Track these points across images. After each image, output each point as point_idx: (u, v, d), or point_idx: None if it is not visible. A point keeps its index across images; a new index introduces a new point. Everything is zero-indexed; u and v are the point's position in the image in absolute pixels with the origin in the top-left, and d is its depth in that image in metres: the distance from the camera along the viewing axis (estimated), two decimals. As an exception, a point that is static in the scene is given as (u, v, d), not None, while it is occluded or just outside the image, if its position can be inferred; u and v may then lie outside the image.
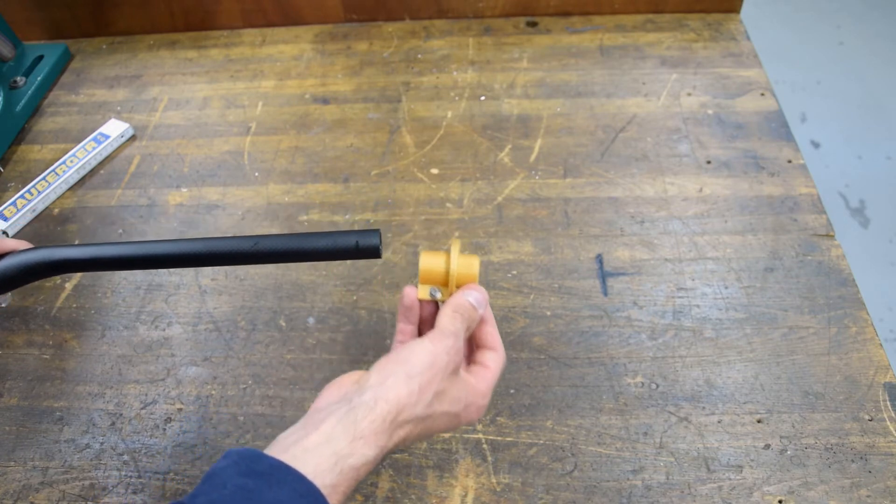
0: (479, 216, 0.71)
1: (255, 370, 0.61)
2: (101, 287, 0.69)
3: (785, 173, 0.73)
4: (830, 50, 2.05)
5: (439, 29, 0.95)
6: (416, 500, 0.52)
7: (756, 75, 0.84)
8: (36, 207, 0.76)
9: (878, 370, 0.57)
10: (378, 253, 0.44)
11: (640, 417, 0.55)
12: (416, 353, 0.38)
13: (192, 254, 0.46)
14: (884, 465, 0.51)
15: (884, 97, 1.90)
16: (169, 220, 0.74)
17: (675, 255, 0.66)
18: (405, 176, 0.76)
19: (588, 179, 0.74)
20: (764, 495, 0.50)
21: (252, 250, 0.45)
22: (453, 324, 0.40)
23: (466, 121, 0.81)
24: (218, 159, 0.80)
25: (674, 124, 0.79)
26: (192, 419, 0.59)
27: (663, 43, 0.89)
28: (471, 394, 0.40)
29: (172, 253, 0.47)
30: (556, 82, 0.85)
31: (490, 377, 0.42)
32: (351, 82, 0.88)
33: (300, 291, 0.67)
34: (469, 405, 0.40)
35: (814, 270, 0.64)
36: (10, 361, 0.64)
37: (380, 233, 0.44)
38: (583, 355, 0.60)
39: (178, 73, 0.93)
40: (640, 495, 0.51)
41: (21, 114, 0.87)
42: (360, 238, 0.44)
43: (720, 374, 0.57)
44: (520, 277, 0.66)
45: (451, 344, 0.39)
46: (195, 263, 0.47)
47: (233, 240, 0.46)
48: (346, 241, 0.44)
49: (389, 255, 0.69)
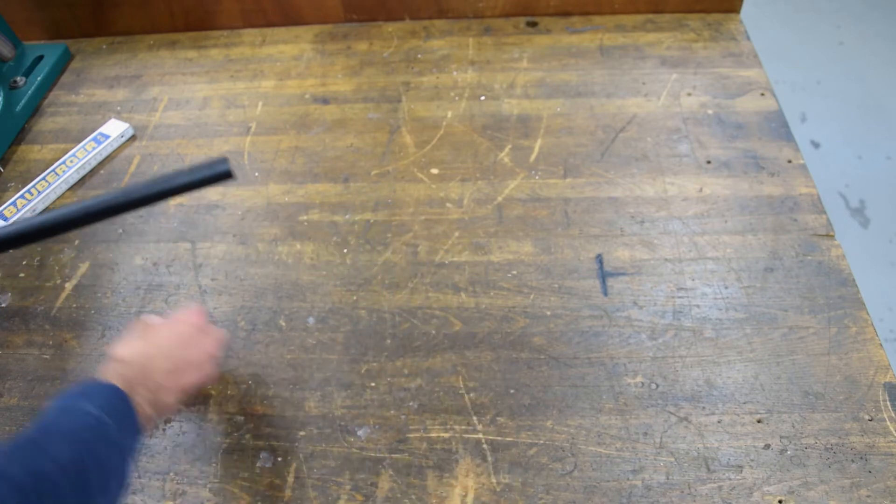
0: (479, 216, 0.71)
1: (255, 370, 0.61)
2: (101, 287, 0.69)
3: (785, 173, 0.73)
4: (830, 50, 2.05)
5: (439, 29, 0.95)
6: (416, 500, 0.52)
7: (756, 75, 0.84)
8: (36, 207, 0.76)
9: (878, 370, 0.57)
10: (230, 174, 0.51)
11: (640, 417, 0.55)
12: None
13: (73, 217, 0.51)
14: (884, 465, 0.51)
15: (884, 97, 1.90)
16: (169, 220, 0.74)
17: (675, 255, 0.66)
18: (405, 176, 0.76)
19: (588, 179, 0.74)
20: (764, 495, 0.50)
21: (123, 199, 0.50)
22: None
23: (466, 121, 0.81)
24: (218, 159, 0.80)
25: (674, 124, 0.79)
26: (191, 419, 0.59)
27: (663, 43, 0.89)
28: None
29: (56, 220, 0.52)
30: (556, 82, 0.85)
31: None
32: (351, 82, 0.88)
33: (300, 291, 0.67)
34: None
35: (814, 270, 0.64)
36: (10, 361, 0.64)
37: (227, 160, 0.51)
38: (583, 355, 0.60)
39: (178, 73, 0.93)
40: (640, 495, 0.51)
41: (21, 114, 0.87)
42: (213, 166, 0.51)
43: (720, 374, 0.57)
44: (520, 277, 0.66)
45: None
46: (81, 224, 0.52)
47: (106, 195, 0.50)
48: (202, 173, 0.51)
49: (389, 255, 0.69)
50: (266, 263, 0.69)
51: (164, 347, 0.51)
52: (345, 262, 0.69)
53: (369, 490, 0.53)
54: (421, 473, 0.54)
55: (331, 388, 0.60)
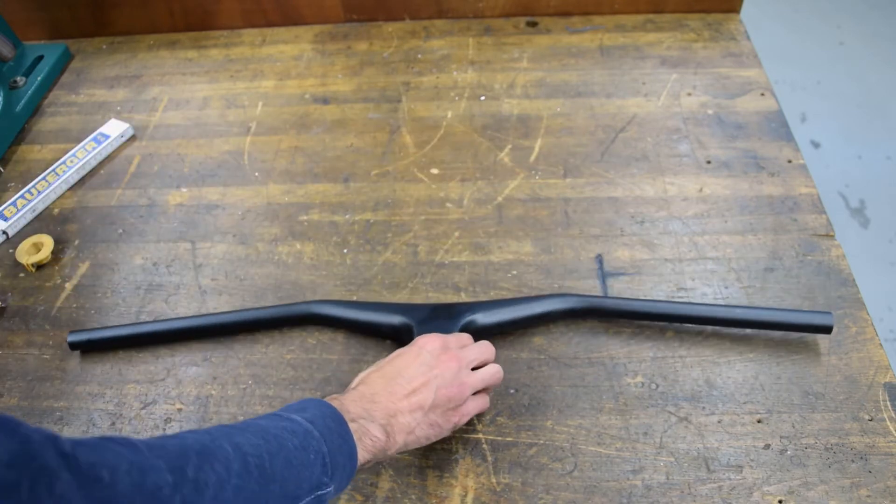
0: (479, 216, 0.71)
1: (255, 370, 0.61)
2: (101, 287, 0.69)
3: (785, 173, 0.73)
4: (830, 50, 2.05)
5: (439, 29, 0.95)
6: (416, 500, 0.52)
7: (756, 75, 0.84)
8: (36, 207, 0.76)
9: (878, 370, 0.57)
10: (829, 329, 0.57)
11: (640, 417, 0.55)
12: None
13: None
14: (884, 465, 0.51)
15: (884, 97, 1.90)
16: (169, 220, 0.74)
17: (675, 255, 0.66)
18: (405, 176, 0.76)
19: (588, 179, 0.74)
20: (764, 495, 0.50)
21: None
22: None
23: (466, 121, 0.81)
24: (218, 159, 0.80)
25: (674, 124, 0.79)
26: (192, 419, 0.59)
27: (663, 43, 0.89)
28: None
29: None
30: (556, 82, 0.85)
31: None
32: (351, 82, 0.88)
33: (300, 291, 0.67)
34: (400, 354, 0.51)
35: (814, 270, 0.64)
36: (10, 361, 0.64)
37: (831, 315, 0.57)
38: (583, 355, 0.60)
39: (178, 73, 0.93)
40: (640, 495, 0.51)
41: (21, 114, 0.87)
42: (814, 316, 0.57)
43: (720, 374, 0.57)
44: (520, 277, 0.66)
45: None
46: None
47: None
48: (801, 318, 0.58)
49: (389, 255, 0.69)
50: (266, 263, 0.69)
51: (398, 369, 0.49)
52: (345, 262, 0.69)
53: (369, 490, 0.53)
54: (421, 473, 0.54)
55: (331, 388, 0.60)
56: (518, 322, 0.60)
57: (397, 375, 0.48)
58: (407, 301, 0.65)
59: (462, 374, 0.50)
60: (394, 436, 0.46)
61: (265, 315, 0.63)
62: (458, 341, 0.53)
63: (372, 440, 0.44)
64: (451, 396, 0.49)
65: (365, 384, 0.48)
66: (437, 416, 0.48)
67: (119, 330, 0.63)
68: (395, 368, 0.49)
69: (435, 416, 0.48)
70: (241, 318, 0.63)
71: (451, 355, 0.50)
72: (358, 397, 0.47)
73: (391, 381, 0.48)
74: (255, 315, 0.63)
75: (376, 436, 0.45)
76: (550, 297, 0.61)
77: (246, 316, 0.63)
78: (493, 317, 0.59)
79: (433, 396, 0.48)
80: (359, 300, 0.64)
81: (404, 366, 0.49)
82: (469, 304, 0.61)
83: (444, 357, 0.50)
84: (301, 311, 0.62)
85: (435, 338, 0.52)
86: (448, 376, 0.49)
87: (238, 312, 0.63)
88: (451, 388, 0.49)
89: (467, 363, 0.51)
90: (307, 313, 0.62)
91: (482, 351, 0.53)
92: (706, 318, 0.58)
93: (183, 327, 0.63)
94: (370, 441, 0.44)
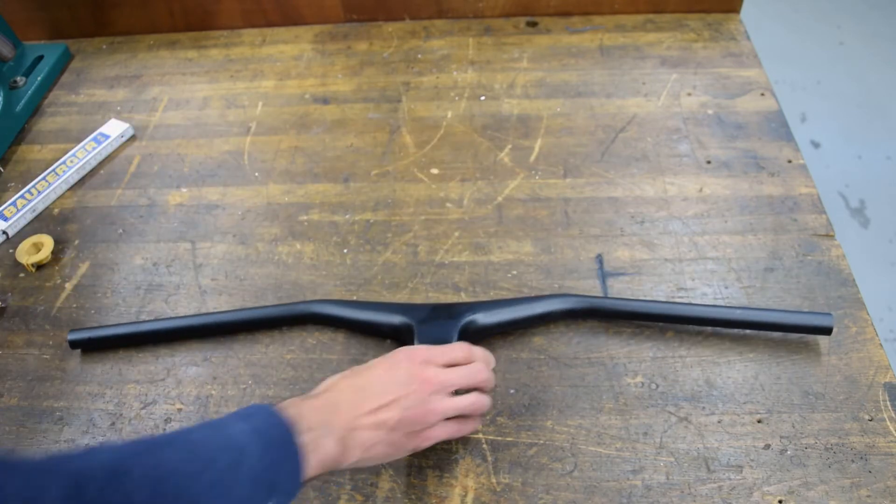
0: (479, 216, 0.71)
1: (255, 370, 0.61)
2: (101, 287, 0.69)
3: (785, 173, 0.73)
4: (830, 50, 2.05)
5: (439, 29, 0.95)
6: (416, 500, 0.52)
7: (756, 75, 0.84)
8: (36, 207, 0.76)
9: (878, 370, 0.57)
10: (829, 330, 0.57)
11: (640, 417, 0.55)
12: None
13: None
14: (884, 465, 0.51)
15: (884, 97, 1.90)
16: (169, 220, 0.74)
17: (675, 255, 0.66)
18: (405, 176, 0.76)
19: (588, 179, 0.74)
20: (764, 495, 0.50)
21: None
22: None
23: (466, 121, 0.81)
24: (218, 159, 0.80)
25: (674, 124, 0.79)
26: (192, 419, 0.59)
27: (663, 43, 0.89)
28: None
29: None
30: (556, 82, 0.85)
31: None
32: (351, 82, 0.88)
33: (300, 291, 0.67)
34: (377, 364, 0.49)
35: (814, 270, 0.64)
36: (10, 361, 0.64)
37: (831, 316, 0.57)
38: (583, 355, 0.60)
39: (178, 73, 0.93)
40: (640, 495, 0.51)
41: (21, 114, 0.87)
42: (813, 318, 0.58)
43: (720, 374, 0.57)
44: (520, 277, 0.66)
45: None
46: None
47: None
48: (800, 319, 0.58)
49: (389, 255, 0.69)
50: (266, 263, 0.69)
51: (369, 381, 0.47)
52: (345, 262, 0.69)
53: (369, 490, 0.53)
54: (421, 473, 0.54)
55: (331, 388, 0.60)
56: (518, 322, 0.60)
57: (367, 387, 0.46)
58: (407, 301, 0.65)
59: (434, 398, 0.47)
60: (350, 450, 0.44)
61: (265, 315, 0.63)
62: (445, 356, 0.50)
63: (325, 453, 0.43)
64: (417, 420, 0.46)
65: (331, 391, 0.46)
66: (398, 437, 0.46)
67: (119, 328, 0.63)
68: (366, 380, 0.47)
69: (397, 435, 0.46)
70: (241, 318, 0.63)
71: (427, 376, 0.47)
72: (320, 405, 0.45)
73: (359, 392, 0.46)
74: (255, 315, 0.63)
75: (330, 449, 0.43)
76: (550, 297, 0.61)
77: (246, 316, 0.63)
78: (493, 317, 0.59)
79: (399, 416, 0.45)
80: (359, 300, 0.64)
81: (376, 379, 0.47)
82: (469, 304, 0.61)
83: (421, 376, 0.47)
84: (301, 311, 0.63)
85: (418, 352, 0.49)
86: (418, 398, 0.46)
87: (238, 312, 0.63)
88: (418, 411, 0.46)
89: (445, 386, 0.48)
90: (307, 313, 0.62)
91: (469, 374, 0.49)
92: (706, 318, 0.58)
93: (183, 326, 0.63)
94: (322, 454, 0.42)
